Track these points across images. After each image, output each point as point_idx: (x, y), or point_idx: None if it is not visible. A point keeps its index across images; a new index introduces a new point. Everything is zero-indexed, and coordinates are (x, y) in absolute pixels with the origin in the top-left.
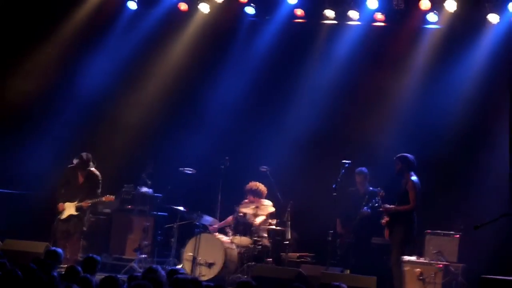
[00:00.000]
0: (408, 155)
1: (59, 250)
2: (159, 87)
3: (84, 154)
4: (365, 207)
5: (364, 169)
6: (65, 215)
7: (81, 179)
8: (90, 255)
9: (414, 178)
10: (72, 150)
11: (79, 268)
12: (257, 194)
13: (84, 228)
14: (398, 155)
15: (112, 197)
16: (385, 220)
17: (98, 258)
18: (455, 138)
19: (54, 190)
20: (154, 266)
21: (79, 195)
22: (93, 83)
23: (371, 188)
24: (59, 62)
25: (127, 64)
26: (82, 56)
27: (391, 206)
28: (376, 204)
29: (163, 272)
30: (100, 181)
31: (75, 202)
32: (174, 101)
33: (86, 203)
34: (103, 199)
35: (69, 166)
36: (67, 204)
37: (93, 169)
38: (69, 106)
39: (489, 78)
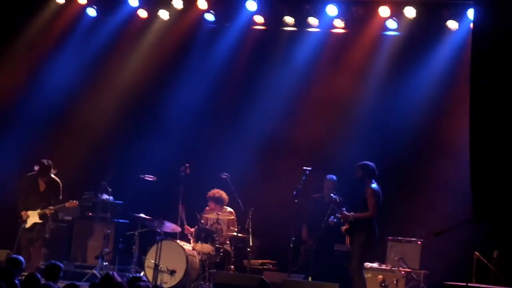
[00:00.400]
0: (369, 162)
1: (20, 257)
2: (119, 94)
3: (45, 161)
4: (331, 217)
5: (334, 176)
6: (29, 223)
7: (42, 187)
8: (53, 262)
9: (374, 185)
10: (33, 157)
11: (39, 276)
12: (219, 202)
13: (47, 235)
14: (359, 163)
15: (75, 202)
16: (345, 227)
17: (61, 265)
18: (415, 144)
19: (15, 198)
20: (111, 272)
21: (40, 202)
22: (53, 90)
23: (332, 195)
24: (18, 68)
25: (87, 71)
26: (41, 63)
27: (350, 213)
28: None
29: (119, 279)
30: (61, 188)
31: (38, 210)
32: (134, 108)
33: (50, 210)
34: (66, 205)
35: (29, 174)
36: (30, 212)
37: (53, 176)
38: (29, 113)
39: (448, 84)
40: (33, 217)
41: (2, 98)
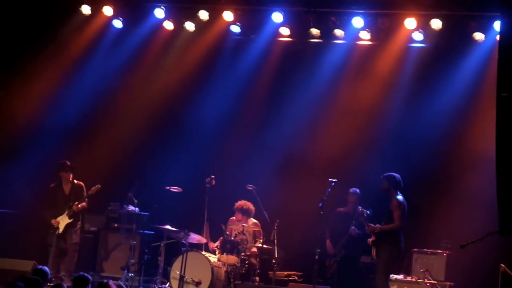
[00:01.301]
0: (395, 174)
1: (46, 268)
2: (145, 106)
3: (64, 161)
4: (353, 226)
5: (357, 190)
6: (61, 228)
7: (67, 191)
8: (81, 273)
9: (399, 197)
10: (57, 170)
11: (65, 286)
12: (246, 213)
13: (78, 240)
14: (385, 174)
15: (97, 186)
16: (371, 239)
17: (89, 277)
18: (441, 156)
19: (39, 209)
20: (105, 280)
21: (67, 205)
22: (79, 102)
23: (359, 207)
24: (44, 80)
25: (113, 83)
26: (68, 75)
27: (376, 225)
28: (363, 222)
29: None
30: (84, 188)
31: (66, 212)
32: (160, 120)
33: (76, 206)
34: (90, 193)
35: (51, 185)
36: (59, 218)
37: (75, 181)
38: (55, 124)
39: (474, 96)
40: (63, 221)
41: (28, 111)
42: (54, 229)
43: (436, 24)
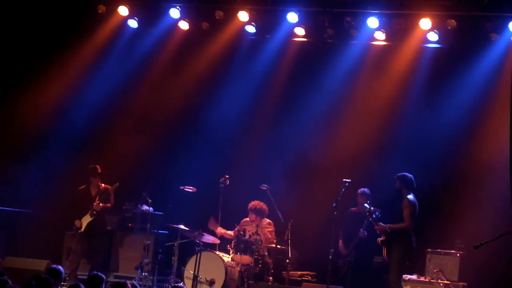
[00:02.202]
0: (408, 174)
1: (60, 267)
2: (159, 106)
3: (95, 166)
4: (362, 229)
5: (366, 190)
6: (84, 226)
7: (94, 195)
8: (95, 273)
9: (410, 196)
10: (74, 170)
11: (82, 286)
12: (260, 213)
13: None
14: (398, 174)
15: (116, 184)
16: (381, 238)
17: (103, 276)
18: (455, 157)
19: (55, 209)
20: (122, 280)
21: (92, 206)
22: (94, 103)
23: (366, 205)
24: (60, 81)
25: (127, 83)
26: (83, 76)
27: (386, 225)
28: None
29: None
30: (110, 191)
31: (89, 212)
32: (175, 120)
33: (98, 205)
34: (110, 188)
35: (79, 188)
36: (83, 218)
37: (103, 185)
38: (69, 126)
39: (488, 96)
40: (85, 220)
41: (44, 113)
42: (76, 229)
43: (451, 24)
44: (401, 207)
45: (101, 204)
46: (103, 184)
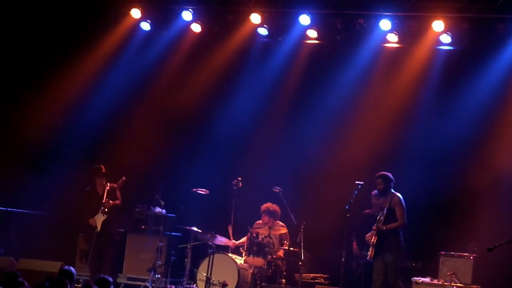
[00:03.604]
0: (388, 173)
1: (73, 269)
2: (172, 108)
3: (99, 167)
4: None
5: None
6: (99, 225)
7: (101, 193)
8: (102, 276)
9: (399, 195)
10: (86, 171)
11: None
12: (273, 215)
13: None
14: (380, 174)
15: (122, 178)
16: (373, 239)
17: (110, 279)
18: (467, 160)
19: (70, 212)
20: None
21: (101, 205)
22: (106, 104)
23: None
24: (71, 84)
25: (140, 85)
26: (96, 78)
27: (382, 225)
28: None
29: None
30: (117, 189)
31: (100, 211)
32: (188, 122)
33: (108, 202)
34: (116, 185)
35: (86, 189)
36: (95, 217)
37: (109, 183)
38: (83, 130)
39: (501, 98)
40: (99, 219)
41: (56, 115)
42: (92, 229)
43: (464, 26)
44: (391, 206)
45: (111, 202)
46: (108, 184)
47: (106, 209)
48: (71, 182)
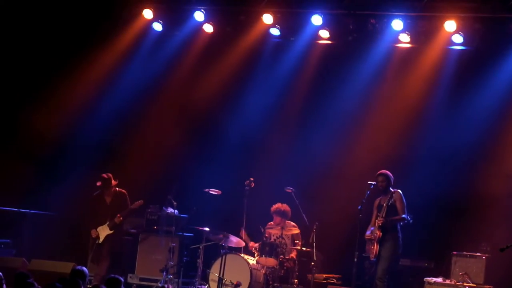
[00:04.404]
0: (388, 172)
1: (85, 269)
2: (185, 109)
3: (104, 175)
4: None
5: None
6: (102, 238)
7: (108, 200)
8: (113, 275)
9: (399, 190)
10: (99, 173)
11: (103, 287)
12: (284, 215)
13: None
14: (382, 172)
15: (140, 201)
16: (378, 235)
17: (121, 278)
18: (480, 160)
19: (79, 215)
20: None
21: (108, 215)
22: (119, 105)
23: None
24: (83, 85)
25: (152, 86)
26: (108, 80)
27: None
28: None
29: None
30: (127, 197)
31: (107, 223)
32: (200, 122)
33: (118, 218)
34: (132, 206)
35: (94, 194)
36: (99, 228)
37: (117, 188)
38: (94, 131)
39: None
40: (104, 231)
41: (68, 116)
42: (94, 239)
43: (476, 26)
44: (391, 201)
45: (121, 218)
46: (117, 188)
47: (115, 224)
48: (83, 183)
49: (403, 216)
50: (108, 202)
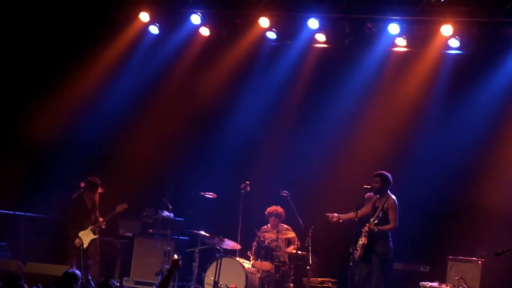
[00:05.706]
0: (388, 174)
1: (78, 272)
2: (180, 112)
3: (91, 178)
4: None
5: None
6: (86, 243)
7: (89, 204)
8: (104, 278)
9: (394, 197)
10: (93, 175)
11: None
12: (279, 217)
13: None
14: (379, 172)
15: (125, 205)
16: (363, 241)
17: (115, 282)
18: (476, 165)
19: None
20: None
21: (89, 218)
22: (115, 108)
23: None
24: (78, 88)
25: (148, 89)
26: (104, 82)
27: (375, 227)
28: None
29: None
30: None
31: (90, 227)
32: (195, 125)
33: (102, 223)
34: (117, 209)
35: (73, 196)
36: (81, 233)
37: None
38: (91, 132)
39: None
40: (88, 236)
41: (62, 117)
42: (79, 245)
43: (473, 30)
44: (384, 207)
45: (105, 222)
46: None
47: (99, 229)
48: (79, 186)
49: (393, 225)
50: (89, 205)
